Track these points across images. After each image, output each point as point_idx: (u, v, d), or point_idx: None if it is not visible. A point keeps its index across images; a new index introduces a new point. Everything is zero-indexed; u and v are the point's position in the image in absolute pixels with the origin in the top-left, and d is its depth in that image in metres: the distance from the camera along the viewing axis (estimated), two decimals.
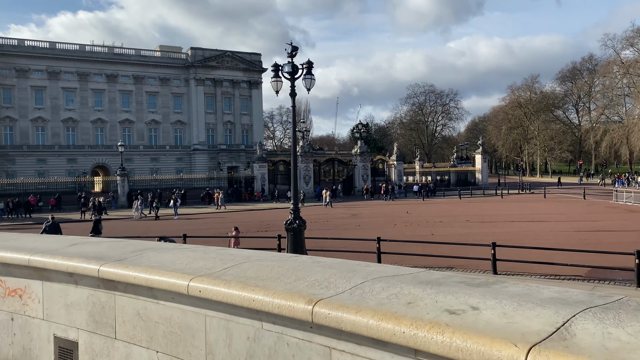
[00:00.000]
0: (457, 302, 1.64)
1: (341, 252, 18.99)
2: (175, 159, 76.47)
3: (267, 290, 2.10)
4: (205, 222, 32.90)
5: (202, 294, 2.32)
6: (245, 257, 2.91)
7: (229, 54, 79.00)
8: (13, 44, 68.69)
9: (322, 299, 1.96)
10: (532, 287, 1.81)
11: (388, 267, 2.63)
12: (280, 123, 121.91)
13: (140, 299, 2.64)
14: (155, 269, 2.55)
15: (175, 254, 2.93)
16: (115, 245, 3.41)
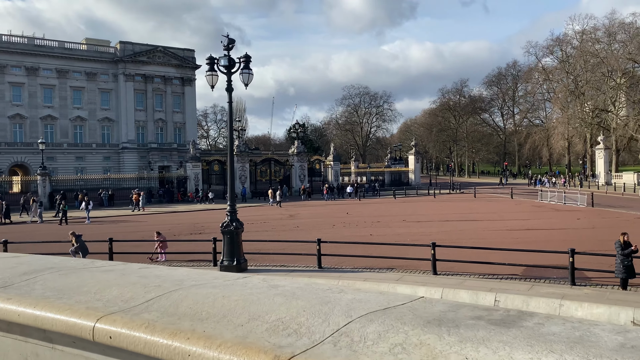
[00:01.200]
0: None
1: (280, 254, 18.39)
2: (102, 157, 72.47)
3: (209, 339, 1.41)
4: (122, 227, 31.03)
5: (114, 341, 1.58)
6: (176, 281, 2.22)
7: (161, 49, 75.97)
8: None
9: (295, 355, 1.29)
10: (583, 327, 1.31)
11: (370, 294, 2.02)
12: (214, 122, 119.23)
13: (30, 342, 1.88)
14: (49, 302, 1.79)
15: (81, 277, 2.17)
16: (2, 265, 2.57)
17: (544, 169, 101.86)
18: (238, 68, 16.23)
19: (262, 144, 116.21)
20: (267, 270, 16.20)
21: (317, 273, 15.03)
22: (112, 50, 74.50)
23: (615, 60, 73.74)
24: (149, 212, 41.51)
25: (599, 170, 67.79)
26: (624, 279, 12.50)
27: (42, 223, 34.65)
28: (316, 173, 63.03)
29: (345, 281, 12.46)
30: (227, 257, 16.01)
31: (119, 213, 40.63)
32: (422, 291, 11.33)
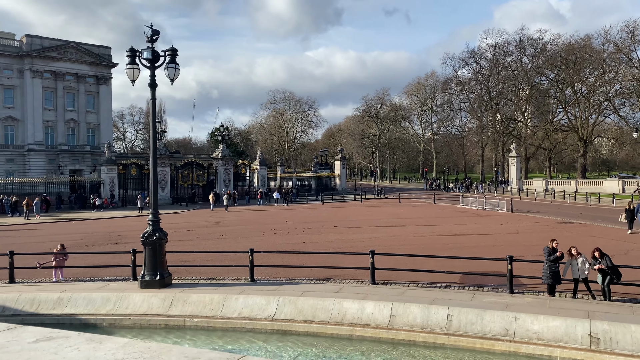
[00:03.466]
0: None
1: (209, 266, 17.06)
2: (5, 160, 66.14)
3: None
4: (23, 237, 28.06)
5: None
6: None
7: (73, 45, 70.85)
8: None
9: None
10: None
11: None
12: (131, 123, 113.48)
13: None
14: None
15: None
16: None
17: (460, 175, 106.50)
18: (163, 62, 14.81)
19: (182, 147, 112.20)
20: (194, 285, 14.83)
21: (250, 287, 13.92)
22: (17, 44, 68.43)
23: (525, 73, 78.73)
24: (58, 219, 38.05)
25: (511, 176, 71.70)
26: (550, 285, 12.59)
27: None
28: (242, 178, 61.39)
29: (284, 297, 11.48)
30: (149, 271, 14.46)
31: (19, 221, 36.92)
32: (371, 307, 10.63)
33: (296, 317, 10.75)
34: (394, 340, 10.00)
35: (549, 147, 77.50)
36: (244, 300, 11.42)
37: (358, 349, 9.75)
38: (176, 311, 11.45)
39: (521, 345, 9.16)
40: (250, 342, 10.42)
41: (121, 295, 11.95)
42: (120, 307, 11.67)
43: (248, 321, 10.88)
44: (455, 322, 9.76)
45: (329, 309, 10.72)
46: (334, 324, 10.40)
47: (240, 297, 11.57)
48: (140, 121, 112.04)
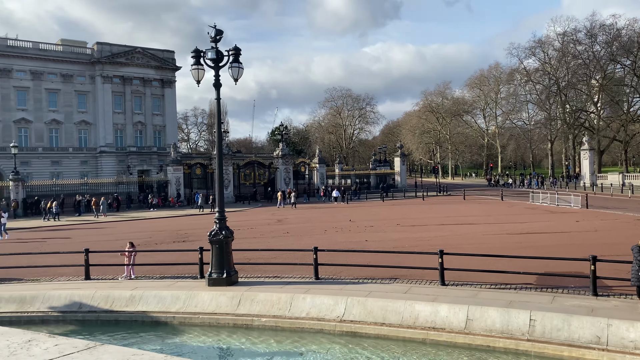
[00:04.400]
0: None
1: (273, 264, 17.02)
2: (79, 162, 70.03)
3: None
4: (97, 235, 29.30)
5: None
6: None
7: (140, 50, 73.89)
8: None
9: None
10: None
11: None
12: (195, 125, 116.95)
13: None
14: None
15: None
16: None
17: (527, 170, 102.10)
18: (226, 62, 14.88)
19: (243, 147, 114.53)
20: (259, 283, 14.80)
21: (315, 286, 13.71)
22: (89, 52, 72.18)
23: (597, 61, 74.12)
24: (127, 217, 39.71)
25: (584, 171, 67.81)
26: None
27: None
28: (301, 176, 61.76)
29: (352, 298, 11.15)
30: (216, 269, 14.58)
31: (90, 220, 38.82)
32: (445, 310, 10.12)
33: (365, 318, 10.42)
34: (471, 345, 9.45)
35: (624, 139, 72.70)
36: (312, 300, 11.21)
37: (433, 354, 9.28)
38: (244, 310, 11.42)
39: (616, 355, 8.35)
40: (319, 343, 10.19)
41: (190, 294, 12.08)
42: (190, 305, 11.79)
43: (316, 322, 10.66)
44: (538, 328, 9.06)
45: (400, 311, 10.30)
46: (406, 327, 9.97)
47: (308, 297, 11.37)
48: (203, 122, 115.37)
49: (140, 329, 11.06)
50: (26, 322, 11.25)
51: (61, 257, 18.47)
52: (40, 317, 11.33)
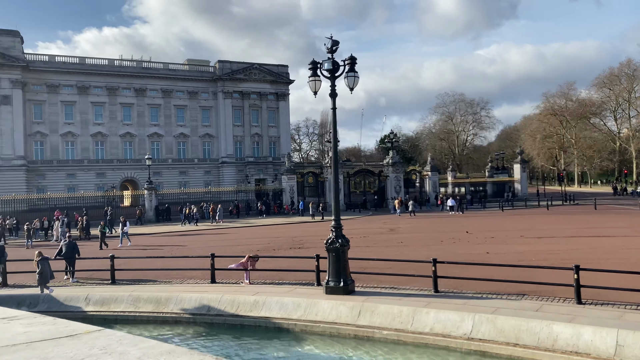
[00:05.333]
0: None
1: (388, 274, 16.71)
2: (203, 172, 75.48)
3: None
4: (219, 240, 30.87)
5: None
6: None
7: (257, 66, 78.00)
8: (44, 60, 68.96)
9: None
10: None
11: None
12: (306, 135, 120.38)
13: None
14: None
15: None
16: None
17: None
18: (342, 71, 14.98)
19: (352, 156, 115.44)
20: (376, 294, 14.55)
21: (435, 299, 13.15)
22: (212, 70, 77.68)
23: None
24: (245, 224, 41.70)
25: None
26: None
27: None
28: (411, 184, 60.63)
29: (481, 314, 10.50)
30: (333, 278, 14.61)
31: (210, 226, 41.22)
32: (589, 333, 9.12)
33: (496, 337, 9.73)
34: None
35: None
36: (435, 315, 10.75)
37: None
38: (364, 321, 11.27)
39: None
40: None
41: (310, 302, 12.20)
42: (310, 313, 11.91)
43: (441, 338, 10.18)
44: None
45: (536, 331, 9.47)
46: (543, 350, 9.13)
47: (431, 311, 10.92)
48: (314, 133, 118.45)
49: (264, 334, 11.40)
50: (161, 322, 12.11)
51: (189, 261, 19.78)
52: (174, 317, 12.15)
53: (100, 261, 19.98)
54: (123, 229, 29.84)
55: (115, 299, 12.61)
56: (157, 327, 11.99)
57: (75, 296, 12.87)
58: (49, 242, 33.59)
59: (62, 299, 12.87)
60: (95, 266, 19.46)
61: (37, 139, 67.05)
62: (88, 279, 18.76)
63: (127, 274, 18.51)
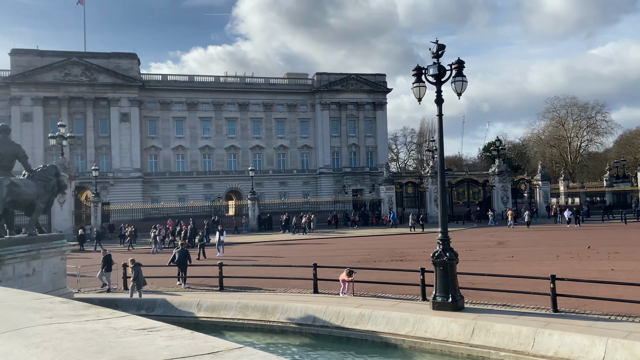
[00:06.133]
0: None
1: (499, 291, 15.63)
2: (302, 182, 77.14)
3: None
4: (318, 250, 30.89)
5: None
6: None
7: (354, 77, 78.50)
8: (157, 79, 74.80)
9: None
10: None
11: None
12: (404, 144, 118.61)
13: None
14: None
15: None
16: None
17: None
18: (449, 76, 14.34)
19: (453, 165, 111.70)
20: (487, 311, 13.60)
21: (554, 319, 11.98)
22: (310, 82, 79.46)
23: None
24: (345, 235, 41.68)
25: None
26: None
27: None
28: (519, 194, 57.15)
29: (615, 339, 9.33)
30: (440, 293, 13.90)
31: (305, 237, 41.62)
32: None
33: None
34: None
35: None
36: (560, 337, 9.74)
37: None
38: (479, 341, 10.53)
39: None
40: None
41: (419, 317, 11.66)
42: (419, 329, 11.38)
43: None
44: None
45: None
46: None
47: (555, 333, 9.92)
48: (412, 142, 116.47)
49: (370, 348, 11.07)
50: (268, 330, 12.23)
51: (291, 270, 20.00)
52: (280, 327, 12.23)
53: (206, 268, 20.87)
54: (220, 238, 30.22)
55: (224, 306, 12.99)
56: (265, 336, 12.13)
57: (188, 302, 13.46)
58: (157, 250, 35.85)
59: (177, 304, 13.51)
60: (205, 273, 20.33)
61: (151, 152, 72.61)
62: (198, 285, 19.64)
63: (233, 281, 19.12)
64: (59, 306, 2.78)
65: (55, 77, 66.93)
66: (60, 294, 14.57)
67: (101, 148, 69.29)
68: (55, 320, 2.39)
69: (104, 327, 2.25)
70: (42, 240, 14.11)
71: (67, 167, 43.68)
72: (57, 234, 17.17)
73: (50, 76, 66.77)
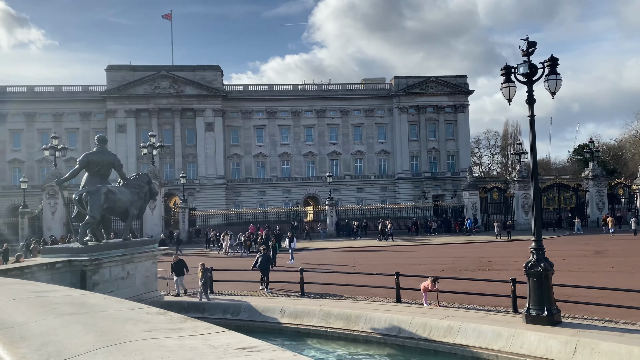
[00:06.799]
0: None
1: (599, 305, 14.31)
2: (379, 188, 76.39)
3: None
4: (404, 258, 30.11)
5: None
6: None
7: (433, 79, 76.75)
8: (239, 89, 77.50)
9: None
10: None
11: None
12: (487, 148, 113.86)
13: None
14: None
15: None
16: None
17: None
18: (541, 75, 13.43)
19: (541, 169, 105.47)
20: (588, 327, 12.50)
21: None
22: (387, 86, 78.73)
23: None
24: (426, 242, 40.59)
25: None
26: None
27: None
28: (616, 200, 52.87)
29: None
30: (535, 305, 12.96)
31: (386, 244, 40.88)
32: None
33: None
34: None
35: None
36: None
37: None
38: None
39: None
40: None
41: (513, 332, 10.93)
42: (514, 345, 10.65)
43: None
44: None
45: None
46: None
47: None
48: (496, 145, 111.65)
49: None
50: (352, 339, 12.00)
51: (372, 278, 19.65)
52: (364, 336, 11.96)
53: (287, 273, 21.04)
54: (290, 244, 29.81)
55: (307, 313, 12.93)
56: (348, 345, 11.91)
57: (271, 307, 13.55)
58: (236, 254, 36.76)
59: (261, 310, 13.65)
60: (286, 278, 20.50)
61: (233, 160, 75.19)
62: (280, 290, 19.83)
63: (313, 287, 19.09)
64: (156, 318, 2.74)
65: (146, 90, 71.35)
66: (151, 296, 15.23)
67: (188, 156, 72.81)
68: (154, 334, 2.33)
69: (202, 345, 2.15)
70: (135, 245, 14.83)
71: (157, 174, 46.26)
72: (149, 239, 18.02)
73: (142, 89, 71.27)
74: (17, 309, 3.20)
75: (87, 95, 72.28)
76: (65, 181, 15.71)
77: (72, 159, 63.14)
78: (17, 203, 56.82)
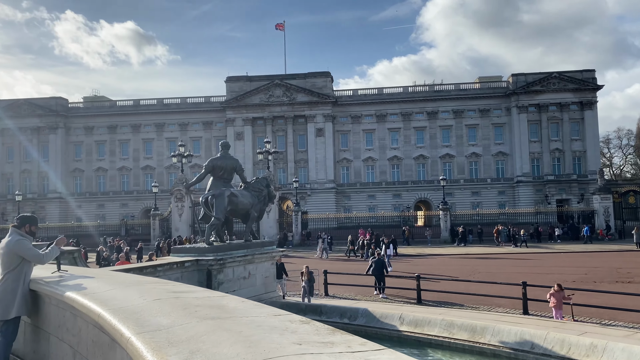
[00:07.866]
0: None
1: None
2: (496, 192, 72.38)
3: None
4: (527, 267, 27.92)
5: None
6: None
7: (555, 75, 71.21)
8: (348, 94, 78.14)
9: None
10: None
11: None
12: (618, 147, 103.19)
13: None
14: None
15: None
16: None
17: None
18: None
19: None
20: None
21: None
22: (504, 85, 74.61)
23: None
24: (552, 250, 37.54)
25: None
26: None
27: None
28: None
29: None
30: None
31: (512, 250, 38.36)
32: None
33: None
34: None
35: None
36: None
37: None
38: None
39: None
40: None
41: None
42: None
43: None
44: None
45: None
46: None
47: None
48: (629, 144, 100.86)
49: None
50: (478, 352, 11.24)
51: (494, 287, 18.45)
52: (492, 350, 11.12)
53: (399, 279, 20.47)
54: (386, 251, 28.38)
55: (428, 322, 12.36)
56: (473, 358, 11.17)
57: (390, 314, 13.17)
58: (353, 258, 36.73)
59: (378, 316, 13.34)
60: (399, 284, 19.97)
61: (343, 164, 75.83)
62: (395, 296, 19.36)
63: (430, 294, 18.39)
64: (301, 327, 2.54)
65: (261, 99, 74.69)
66: (270, 297, 15.59)
67: (299, 161, 74.87)
68: (305, 348, 2.11)
69: None
70: (255, 246, 15.29)
71: (272, 179, 48.00)
72: (267, 241, 18.57)
73: (257, 99, 74.74)
74: (161, 310, 3.21)
75: (208, 106, 77.47)
76: (192, 185, 16.72)
77: (196, 165, 68.35)
78: (149, 206, 62.86)
